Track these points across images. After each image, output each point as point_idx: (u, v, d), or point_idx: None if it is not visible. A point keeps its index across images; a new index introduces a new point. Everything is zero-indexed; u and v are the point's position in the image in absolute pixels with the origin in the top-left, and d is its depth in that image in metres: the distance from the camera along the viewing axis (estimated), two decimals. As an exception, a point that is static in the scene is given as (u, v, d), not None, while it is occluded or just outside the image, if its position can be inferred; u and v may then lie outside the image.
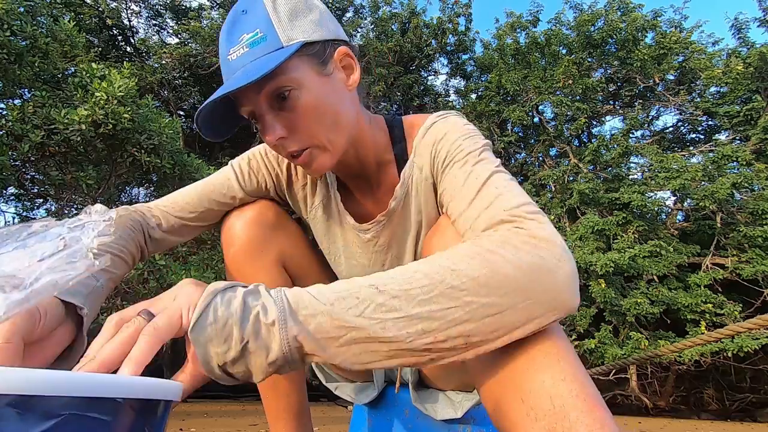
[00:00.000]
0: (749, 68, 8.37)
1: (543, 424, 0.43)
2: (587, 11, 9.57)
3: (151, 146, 3.51)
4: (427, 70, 11.17)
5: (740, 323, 1.35)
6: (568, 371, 0.45)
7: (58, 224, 0.44)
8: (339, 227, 0.81)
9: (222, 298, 0.42)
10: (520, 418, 0.45)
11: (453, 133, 0.67)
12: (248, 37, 0.59)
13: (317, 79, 0.62)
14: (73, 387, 0.29)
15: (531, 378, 0.46)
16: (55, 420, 0.28)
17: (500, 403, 0.48)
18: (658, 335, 7.30)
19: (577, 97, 9.12)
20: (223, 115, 0.65)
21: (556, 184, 8.77)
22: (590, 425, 0.42)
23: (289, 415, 0.85)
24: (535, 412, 0.44)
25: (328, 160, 0.65)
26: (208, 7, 8.38)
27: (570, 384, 0.44)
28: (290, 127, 0.62)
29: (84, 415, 0.29)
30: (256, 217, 0.78)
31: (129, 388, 0.32)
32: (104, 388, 0.31)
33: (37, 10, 3.35)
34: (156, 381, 0.35)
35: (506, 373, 0.48)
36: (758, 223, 7.34)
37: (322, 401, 6.70)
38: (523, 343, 0.47)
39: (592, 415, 0.42)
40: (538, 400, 0.44)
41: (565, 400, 0.43)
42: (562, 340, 0.48)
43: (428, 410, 0.87)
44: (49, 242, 0.41)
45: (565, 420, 0.42)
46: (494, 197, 0.55)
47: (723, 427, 6.82)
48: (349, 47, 0.67)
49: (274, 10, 0.60)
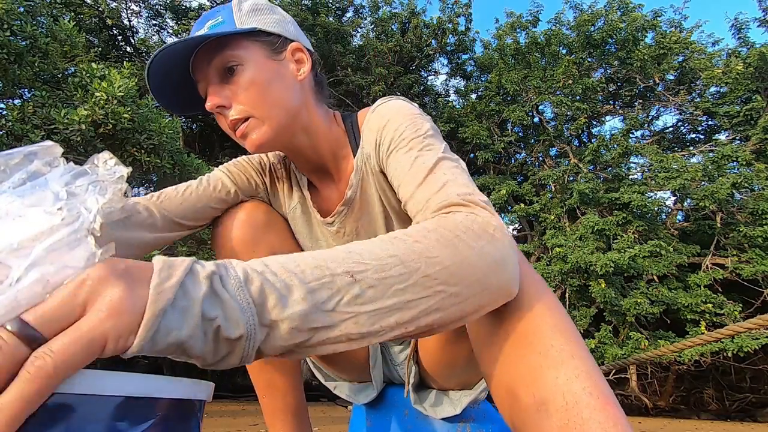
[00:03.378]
0: (749, 68, 8.36)
1: (555, 421, 0.43)
2: (587, 11, 9.57)
3: (151, 146, 3.51)
4: (427, 70, 11.17)
5: (740, 323, 1.35)
6: (582, 368, 0.45)
7: (53, 172, 0.34)
8: (317, 227, 0.84)
9: (173, 312, 0.31)
10: (531, 413, 0.45)
11: (395, 120, 0.68)
12: (210, 23, 0.70)
13: (266, 61, 0.70)
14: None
15: (543, 374, 0.45)
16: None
17: (511, 398, 0.48)
18: (658, 335, 7.29)
19: (577, 97, 9.11)
20: (189, 96, 0.72)
21: (556, 184, 8.76)
22: (603, 423, 0.41)
23: (287, 414, 0.85)
24: (547, 408, 0.44)
25: (266, 134, 0.68)
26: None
27: (583, 381, 0.44)
28: (233, 97, 0.68)
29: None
30: (246, 218, 0.80)
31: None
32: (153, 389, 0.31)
33: (37, 10, 3.34)
34: (193, 381, 0.35)
35: (518, 368, 0.47)
36: (758, 223, 7.33)
37: (322, 401, 6.70)
38: (537, 339, 0.47)
39: (605, 413, 0.42)
40: (550, 396, 0.44)
41: (578, 397, 0.43)
42: (576, 337, 0.48)
43: (428, 410, 0.87)
44: (43, 212, 0.32)
45: (578, 417, 0.42)
46: (443, 183, 0.55)
47: (723, 427, 6.81)
48: (305, 47, 0.76)
49: (238, 7, 0.71)
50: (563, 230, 8.16)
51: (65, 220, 0.32)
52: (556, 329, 0.47)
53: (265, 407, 0.86)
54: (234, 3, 0.72)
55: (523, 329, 0.49)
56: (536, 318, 0.49)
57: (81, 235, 0.32)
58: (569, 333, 0.48)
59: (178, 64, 0.69)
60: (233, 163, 0.85)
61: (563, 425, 0.42)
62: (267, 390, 0.85)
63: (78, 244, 0.31)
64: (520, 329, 0.49)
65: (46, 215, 0.31)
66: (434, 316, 0.42)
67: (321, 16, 8.77)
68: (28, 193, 0.32)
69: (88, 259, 0.31)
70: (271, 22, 0.72)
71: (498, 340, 0.50)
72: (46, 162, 0.34)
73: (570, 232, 7.92)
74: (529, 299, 0.50)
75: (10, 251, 0.29)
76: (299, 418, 0.86)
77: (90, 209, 0.33)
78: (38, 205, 0.32)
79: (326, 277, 0.38)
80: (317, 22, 8.62)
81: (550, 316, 0.49)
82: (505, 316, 0.51)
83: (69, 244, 0.31)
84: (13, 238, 0.30)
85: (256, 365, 0.85)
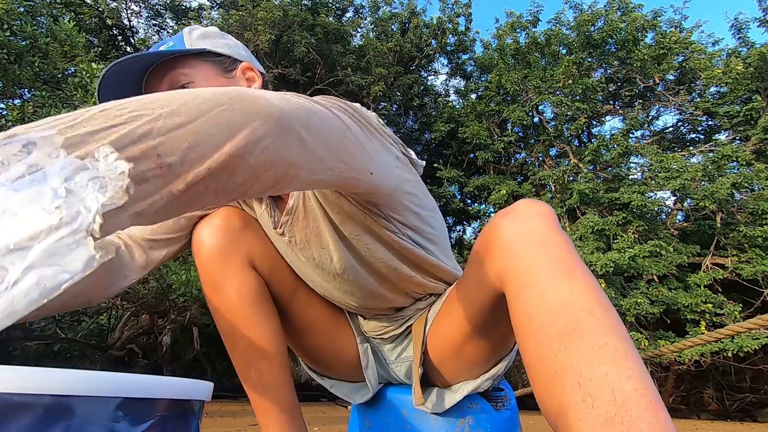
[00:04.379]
0: (749, 68, 8.35)
1: (600, 412, 0.41)
2: (587, 11, 9.56)
3: (151, 146, 3.51)
4: (427, 70, 11.16)
5: (740, 323, 1.35)
6: (635, 370, 0.44)
7: (52, 165, 0.32)
8: (274, 236, 0.86)
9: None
10: (574, 402, 0.44)
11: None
12: (163, 47, 0.76)
13: (217, 77, 0.76)
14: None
15: (594, 368, 0.44)
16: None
17: (556, 387, 0.46)
18: (658, 335, 7.29)
19: (577, 97, 9.11)
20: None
21: (556, 184, 8.75)
22: (653, 424, 0.40)
23: (279, 410, 0.85)
24: (593, 399, 0.42)
25: None
26: (208, 7, 8.38)
27: (636, 383, 0.43)
28: None
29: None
30: (223, 224, 0.82)
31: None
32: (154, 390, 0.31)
33: (37, 10, 3.34)
34: (193, 381, 0.35)
35: (568, 359, 0.46)
36: (758, 223, 7.33)
37: (322, 401, 6.70)
38: (591, 335, 0.46)
39: (656, 416, 0.41)
40: (598, 389, 0.43)
41: (628, 396, 0.42)
42: (629, 341, 0.47)
43: (429, 407, 0.87)
44: (41, 209, 0.30)
45: (626, 413, 0.40)
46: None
47: (723, 427, 6.82)
48: (255, 68, 0.83)
49: (189, 33, 0.79)
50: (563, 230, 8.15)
51: (63, 219, 0.31)
52: (612, 329, 0.47)
53: (256, 405, 0.86)
54: (185, 30, 0.80)
55: (576, 324, 0.48)
56: (591, 315, 0.48)
57: (80, 237, 0.31)
58: (624, 335, 0.47)
59: (132, 81, 0.75)
60: None
61: (609, 418, 0.41)
62: (257, 386, 0.84)
63: (77, 246, 0.31)
64: (573, 324, 0.48)
65: (44, 213, 0.30)
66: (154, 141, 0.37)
67: (321, 16, 8.76)
68: (26, 187, 0.31)
69: (87, 263, 0.30)
70: (220, 45, 0.81)
71: (548, 330, 0.50)
72: (45, 153, 0.32)
73: (570, 232, 7.91)
74: (583, 297, 0.50)
75: (6, 252, 0.28)
76: (291, 414, 0.86)
77: (89, 208, 0.32)
78: (36, 202, 0.31)
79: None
80: (317, 22, 8.61)
81: (607, 317, 0.49)
82: (557, 309, 0.50)
83: (68, 245, 0.30)
84: (10, 238, 0.29)
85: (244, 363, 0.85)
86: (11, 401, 0.27)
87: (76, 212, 0.31)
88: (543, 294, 0.52)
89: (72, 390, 0.27)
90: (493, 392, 0.95)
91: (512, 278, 0.58)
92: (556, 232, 0.60)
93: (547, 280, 0.53)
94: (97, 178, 0.33)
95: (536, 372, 0.50)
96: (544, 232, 0.59)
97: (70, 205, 0.31)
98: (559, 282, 0.52)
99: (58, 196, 0.31)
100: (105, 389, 0.29)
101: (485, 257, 0.66)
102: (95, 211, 0.32)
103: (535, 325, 0.52)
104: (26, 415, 0.27)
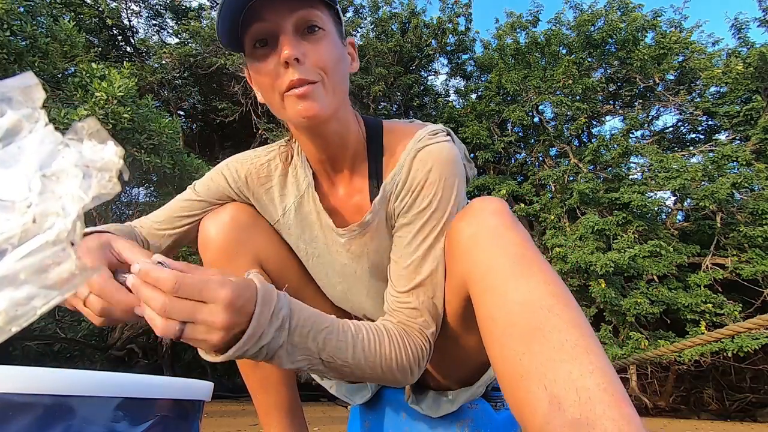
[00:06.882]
0: (749, 68, 8.35)
1: (568, 415, 0.42)
2: (587, 11, 9.55)
3: (151, 146, 3.51)
4: (427, 70, 11.15)
5: (740, 323, 1.35)
6: (596, 364, 0.44)
7: (29, 137, 0.27)
8: (319, 228, 0.82)
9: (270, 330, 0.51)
10: (541, 405, 0.44)
11: (435, 173, 0.72)
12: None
13: (338, 39, 0.71)
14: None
15: (557, 367, 0.44)
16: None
17: (522, 391, 0.47)
18: (658, 335, 7.29)
19: (577, 97, 9.10)
20: (228, 32, 0.67)
21: (556, 184, 8.75)
22: (617, 420, 0.40)
23: (280, 411, 0.85)
24: (559, 401, 0.43)
25: (331, 105, 0.67)
26: (208, 7, 8.37)
27: (597, 377, 0.43)
28: (308, 55, 0.65)
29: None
30: (230, 221, 0.80)
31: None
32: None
33: (37, 10, 3.34)
34: (193, 382, 0.35)
35: (531, 361, 0.47)
36: (758, 223, 7.32)
37: (322, 401, 6.70)
38: (551, 333, 0.46)
39: (619, 411, 0.41)
40: (563, 390, 0.43)
41: (591, 393, 0.42)
42: (590, 333, 0.47)
43: (424, 410, 0.87)
44: (12, 205, 0.26)
45: (591, 413, 0.41)
46: (419, 299, 0.72)
47: (723, 427, 6.81)
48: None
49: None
50: (563, 230, 8.16)
51: (37, 222, 0.26)
52: (571, 324, 0.47)
53: (258, 405, 0.86)
54: None
55: (537, 323, 0.48)
56: (551, 312, 0.49)
57: (58, 249, 0.26)
58: (584, 329, 0.47)
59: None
60: (210, 177, 0.85)
61: (575, 420, 0.41)
62: (260, 387, 0.84)
63: (59, 262, 0.26)
64: (534, 323, 0.48)
65: (16, 212, 0.26)
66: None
67: (321, 16, 8.75)
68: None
69: (67, 283, 0.26)
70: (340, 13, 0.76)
71: (511, 332, 0.50)
72: (24, 115, 0.27)
73: (570, 232, 7.91)
74: (542, 294, 0.50)
75: None
76: (293, 415, 0.86)
77: (68, 213, 0.26)
78: (6, 193, 0.26)
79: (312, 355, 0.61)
80: (317, 22, 8.60)
81: (566, 311, 0.49)
82: (517, 310, 0.50)
83: (52, 256, 0.26)
84: None
85: (249, 363, 0.85)
86: (11, 401, 0.27)
87: (52, 221, 0.26)
88: (504, 295, 0.53)
89: (72, 390, 0.27)
90: (492, 392, 0.95)
91: (474, 282, 0.59)
92: (511, 227, 0.61)
93: (506, 280, 0.54)
94: (79, 166, 0.27)
95: (504, 377, 0.51)
96: (499, 230, 0.60)
97: (45, 207, 0.26)
98: (519, 281, 0.53)
99: (30, 189, 0.26)
100: (105, 389, 0.29)
101: (450, 261, 0.68)
102: (75, 218, 0.27)
103: (498, 330, 0.52)
104: (26, 415, 0.27)
